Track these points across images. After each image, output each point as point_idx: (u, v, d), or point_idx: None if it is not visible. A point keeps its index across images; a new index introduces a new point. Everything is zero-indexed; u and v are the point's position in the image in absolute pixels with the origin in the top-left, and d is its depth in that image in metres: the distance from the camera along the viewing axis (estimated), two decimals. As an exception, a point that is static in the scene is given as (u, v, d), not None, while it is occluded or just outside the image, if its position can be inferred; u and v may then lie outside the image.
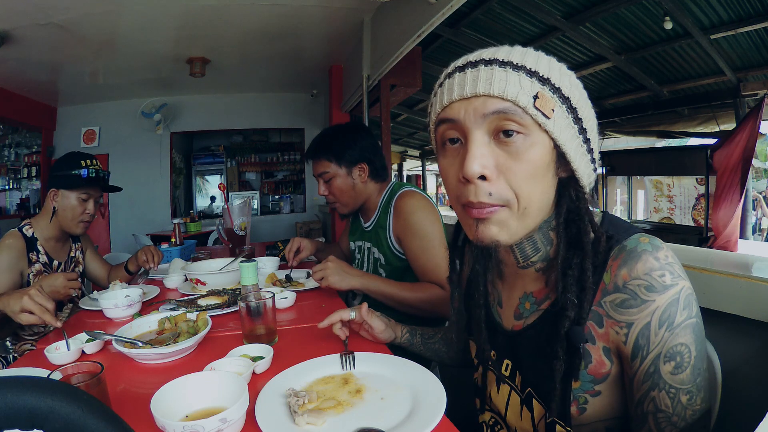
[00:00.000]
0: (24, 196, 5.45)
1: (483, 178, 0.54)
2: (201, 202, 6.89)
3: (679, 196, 5.92)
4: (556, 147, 0.56)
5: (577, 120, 0.56)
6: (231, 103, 5.33)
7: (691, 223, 5.66)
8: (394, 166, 11.39)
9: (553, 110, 0.54)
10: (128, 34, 3.17)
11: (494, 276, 0.74)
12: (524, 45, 0.59)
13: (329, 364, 0.84)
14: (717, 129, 4.72)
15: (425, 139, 9.72)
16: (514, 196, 0.55)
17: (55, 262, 1.53)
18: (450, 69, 0.59)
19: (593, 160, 0.60)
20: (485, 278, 0.74)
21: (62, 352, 0.93)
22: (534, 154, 0.54)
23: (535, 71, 0.54)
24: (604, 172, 6.08)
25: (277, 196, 7.08)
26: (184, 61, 3.85)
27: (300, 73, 4.57)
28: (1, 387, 0.30)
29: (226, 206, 2.16)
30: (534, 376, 0.63)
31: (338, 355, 0.86)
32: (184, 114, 5.22)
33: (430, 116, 0.63)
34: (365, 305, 0.98)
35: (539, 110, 0.53)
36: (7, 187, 4.91)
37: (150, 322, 1.08)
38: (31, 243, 1.46)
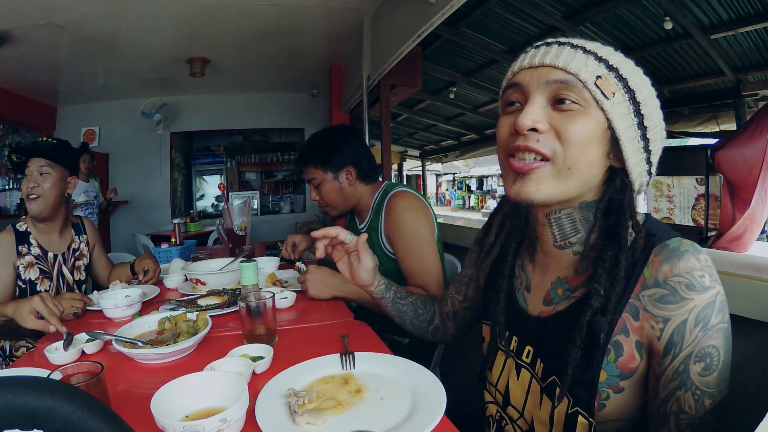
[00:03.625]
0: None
1: (534, 131, 0.58)
2: (201, 203, 6.89)
3: (678, 196, 5.91)
4: (611, 130, 0.58)
5: (638, 114, 0.59)
6: (231, 103, 5.33)
7: (691, 223, 5.66)
8: (394, 166, 11.39)
9: (613, 93, 0.57)
10: (128, 34, 3.17)
11: (525, 259, 0.74)
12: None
13: (329, 364, 0.84)
14: (717, 129, 4.72)
15: (425, 139, 9.73)
16: (561, 149, 0.58)
17: (50, 254, 1.52)
18: (528, 48, 0.64)
19: (649, 161, 0.62)
20: (514, 259, 0.73)
21: (62, 352, 0.93)
22: (587, 124, 0.58)
23: (605, 59, 0.59)
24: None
25: (277, 196, 7.08)
26: (184, 61, 3.85)
27: (300, 73, 4.57)
28: (1, 387, 0.30)
29: (226, 206, 2.16)
30: (561, 365, 0.62)
31: (338, 355, 0.86)
32: (184, 114, 5.22)
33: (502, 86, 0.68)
34: (365, 236, 0.91)
35: (599, 88, 0.57)
36: (7, 187, 4.90)
37: (150, 322, 1.08)
38: (22, 236, 1.47)
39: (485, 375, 0.78)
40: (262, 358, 0.87)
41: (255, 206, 6.72)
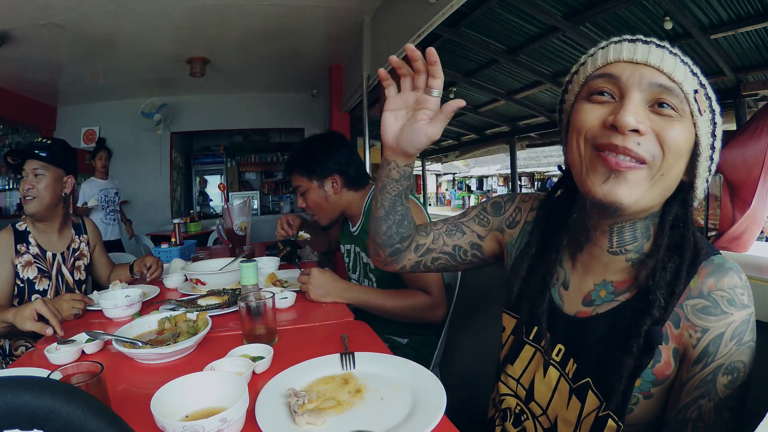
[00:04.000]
0: (24, 196, 5.44)
1: (635, 132, 0.56)
2: (201, 202, 6.90)
3: (679, 196, 5.90)
4: (695, 145, 0.59)
5: (713, 135, 0.60)
6: (231, 103, 5.33)
7: (691, 223, 5.65)
8: (394, 166, 11.34)
9: (704, 111, 0.58)
10: (128, 34, 3.17)
11: (564, 256, 0.72)
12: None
13: (329, 364, 0.84)
14: (717, 129, 4.71)
15: (425, 139, 9.70)
16: (660, 154, 0.56)
17: (49, 254, 1.52)
18: (617, 38, 0.62)
19: (707, 180, 0.63)
20: (556, 255, 0.71)
21: (62, 352, 0.93)
22: (684, 133, 0.57)
23: (696, 73, 0.58)
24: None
25: (277, 196, 7.09)
26: (184, 61, 3.85)
27: (300, 73, 4.57)
28: (1, 387, 0.30)
29: (226, 206, 2.16)
30: (596, 368, 0.62)
31: (338, 355, 0.86)
32: (184, 114, 5.22)
33: (579, 71, 0.64)
34: (459, 103, 0.69)
35: (697, 103, 0.57)
36: (7, 187, 4.91)
37: (150, 322, 1.08)
38: (21, 235, 1.48)
39: (503, 367, 0.76)
40: (262, 358, 0.87)
41: (255, 206, 6.72)
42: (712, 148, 0.60)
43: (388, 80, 0.72)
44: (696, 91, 0.57)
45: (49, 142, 1.54)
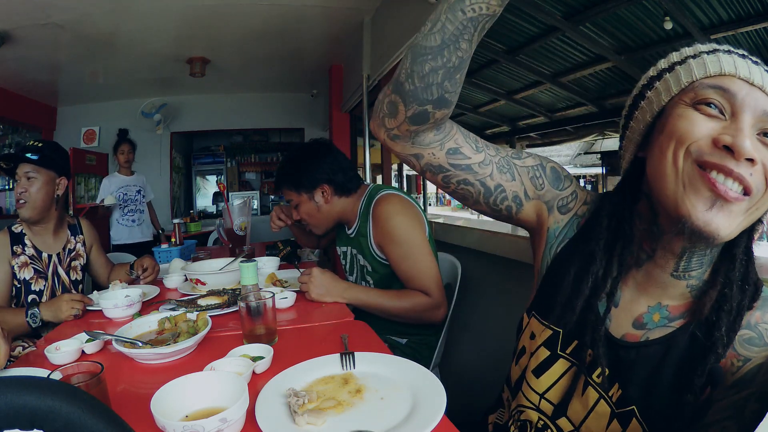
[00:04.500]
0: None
1: (749, 161, 0.52)
2: (201, 202, 6.89)
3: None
4: None
5: None
6: (231, 103, 5.33)
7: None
8: (394, 166, 11.37)
9: None
10: (128, 34, 3.17)
11: (616, 270, 0.66)
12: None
13: (329, 364, 0.84)
14: (717, 129, 4.72)
15: (425, 139, 9.70)
16: (764, 188, 0.53)
17: (45, 255, 1.54)
18: (725, 47, 0.58)
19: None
20: (618, 274, 0.65)
21: (62, 352, 0.93)
22: None
23: None
24: (605, 172, 6.07)
25: (277, 196, 7.08)
26: (184, 61, 3.85)
27: (300, 73, 4.57)
28: (1, 387, 0.30)
29: (226, 206, 2.16)
30: (644, 396, 0.60)
31: (338, 355, 0.86)
32: (184, 114, 5.22)
33: (676, 69, 0.60)
34: None
35: None
36: (7, 187, 4.90)
37: (150, 322, 1.08)
38: (16, 237, 1.50)
39: (525, 377, 0.73)
40: (262, 358, 0.87)
41: (255, 206, 6.72)
42: None
43: None
44: None
45: (39, 144, 1.55)
